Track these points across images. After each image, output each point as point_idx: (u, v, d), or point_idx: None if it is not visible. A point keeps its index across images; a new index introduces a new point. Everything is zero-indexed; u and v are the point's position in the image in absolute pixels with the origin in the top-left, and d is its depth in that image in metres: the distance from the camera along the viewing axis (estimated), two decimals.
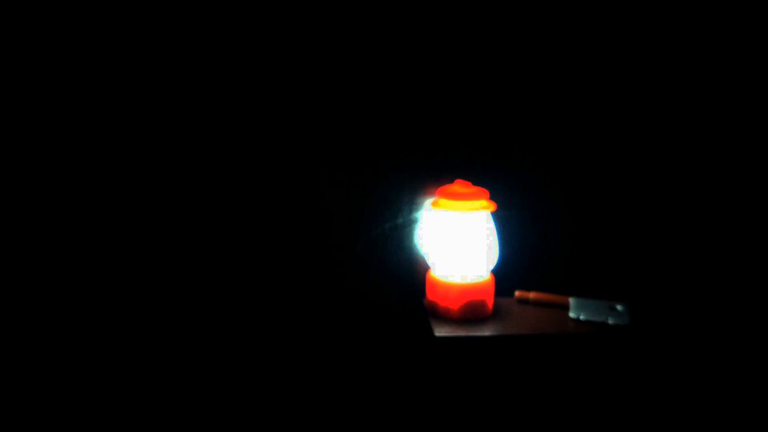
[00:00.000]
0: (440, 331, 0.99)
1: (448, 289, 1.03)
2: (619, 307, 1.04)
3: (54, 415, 1.09)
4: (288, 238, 1.14)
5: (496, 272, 1.07)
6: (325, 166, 1.13)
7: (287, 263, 1.15)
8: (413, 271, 1.14)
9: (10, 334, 1.10)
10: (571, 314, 1.04)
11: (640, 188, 1.17)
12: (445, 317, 1.03)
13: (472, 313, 1.03)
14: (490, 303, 1.05)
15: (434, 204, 1.05)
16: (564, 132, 1.15)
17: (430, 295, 1.07)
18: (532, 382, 1.00)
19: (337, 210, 1.15)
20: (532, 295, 1.10)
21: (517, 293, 1.10)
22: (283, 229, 1.14)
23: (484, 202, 1.03)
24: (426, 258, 1.09)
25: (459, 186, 1.04)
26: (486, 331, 1.00)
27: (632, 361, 1.00)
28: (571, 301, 1.06)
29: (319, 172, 1.13)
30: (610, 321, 1.02)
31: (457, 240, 1.02)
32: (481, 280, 1.04)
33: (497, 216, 1.07)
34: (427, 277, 1.08)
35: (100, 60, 1.07)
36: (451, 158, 1.13)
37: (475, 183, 1.05)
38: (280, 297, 1.15)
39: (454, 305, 1.03)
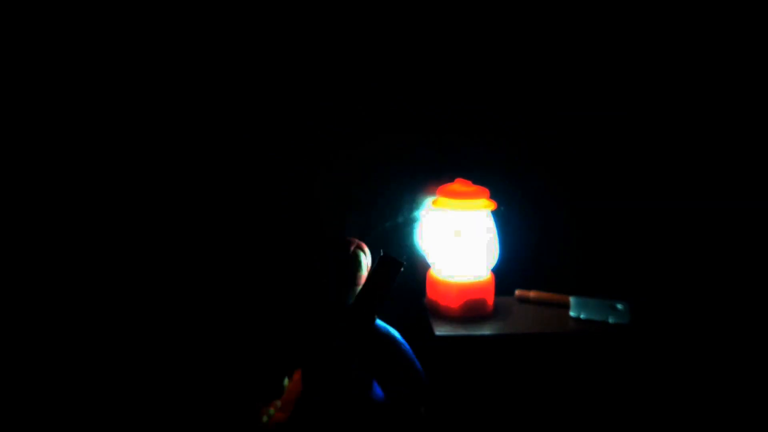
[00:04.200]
0: (440, 330, 0.99)
1: (448, 288, 1.03)
2: (619, 306, 1.04)
3: (52, 415, 1.09)
4: (288, 238, 1.14)
5: (497, 271, 1.07)
6: (325, 165, 1.13)
7: (287, 263, 1.14)
8: (413, 271, 1.14)
9: (10, 334, 1.10)
10: (572, 313, 1.04)
11: (641, 187, 1.17)
12: (446, 316, 1.03)
13: (472, 311, 1.03)
14: (490, 302, 1.05)
15: (434, 203, 1.04)
16: (565, 131, 1.15)
17: (431, 294, 1.06)
18: (532, 381, 1.00)
19: (337, 210, 1.15)
20: (532, 293, 1.09)
21: (517, 292, 1.10)
22: (282, 229, 1.14)
23: (484, 201, 1.03)
24: (426, 257, 1.09)
25: (459, 185, 1.04)
26: (486, 330, 1.00)
27: (632, 360, 1.00)
28: (572, 299, 1.06)
29: (318, 171, 1.13)
30: (611, 320, 1.02)
31: (457, 239, 1.02)
32: (481, 279, 1.04)
33: (498, 214, 1.07)
34: (427, 276, 1.07)
35: (89, 56, 1.07)
36: (452, 157, 1.13)
37: (476, 182, 1.04)
38: (279, 297, 1.15)
39: (454, 304, 1.03)
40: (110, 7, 1.05)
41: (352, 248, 0.90)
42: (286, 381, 0.93)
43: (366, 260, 0.91)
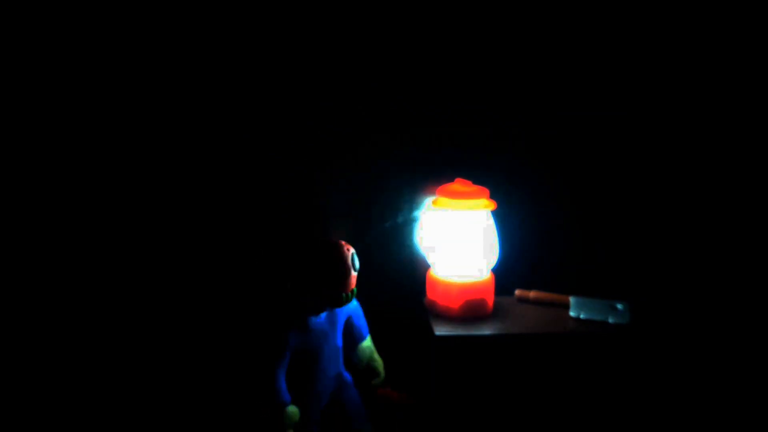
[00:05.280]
0: (440, 330, 0.99)
1: (448, 288, 1.03)
2: (619, 306, 1.04)
3: (52, 415, 1.09)
4: (287, 239, 1.14)
5: (496, 271, 1.07)
6: (325, 165, 1.13)
7: (285, 264, 1.14)
8: (413, 271, 1.14)
9: (10, 335, 1.10)
10: (571, 313, 1.04)
11: (641, 187, 1.17)
12: (445, 316, 1.03)
13: (472, 311, 1.03)
14: (490, 302, 1.05)
15: (434, 203, 1.04)
16: (565, 131, 1.15)
17: (430, 294, 1.07)
18: (532, 381, 1.00)
19: (337, 210, 1.15)
20: (532, 293, 1.09)
21: (517, 292, 1.10)
22: (282, 230, 1.14)
23: (484, 201, 1.03)
24: (426, 257, 1.09)
25: (459, 185, 1.04)
26: (486, 330, 1.00)
27: (632, 360, 1.00)
28: (572, 299, 1.06)
29: (318, 171, 1.13)
30: (611, 320, 1.02)
31: (457, 239, 1.02)
32: (481, 279, 1.04)
33: (497, 214, 1.07)
34: (427, 276, 1.07)
35: (89, 56, 1.07)
36: (452, 157, 1.14)
37: (476, 182, 1.04)
38: (279, 297, 1.15)
39: (454, 304, 1.03)
40: (110, 7, 1.05)
41: (344, 250, 0.90)
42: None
43: (357, 263, 0.91)
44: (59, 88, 1.07)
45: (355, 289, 0.92)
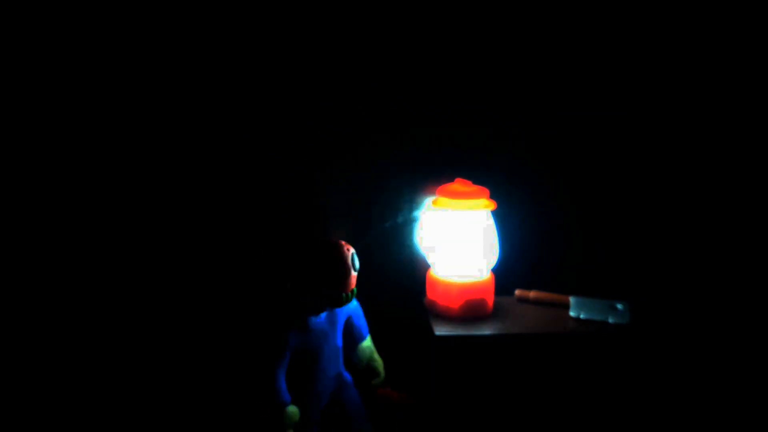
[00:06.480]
0: (440, 330, 0.99)
1: (448, 288, 1.03)
2: (619, 306, 1.04)
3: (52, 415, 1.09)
4: (287, 239, 1.14)
5: (496, 271, 1.07)
6: (325, 165, 1.13)
7: (285, 264, 1.14)
8: (413, 271, 1.14)
9: (10, 335, 1.11)
10: (571, 313, 1.04)
11: (641, 187, 1.17)
12: (445, 316, 1.03)
13: (472, 311, 1.03)
14: (490, 302, 1.05)
15: (434, 203, 1.04)
16: (565, 131, 1.15)
17: (430, 294, 1.07)
18: (532, 381, 1.00)
19: (337, 210, 1.15)
20: (532, 293, 1.09)
21: (517, 292, 1.10)
22: (282, 230, 1.14)
23: (484, 201, 1.03)
24: (426, 257, 1.09)
25: (459, 185, 1.04)
26: (486, 330, 1.00)
27: (632, 360, 1.00)
28: (572, 299, 1.06)
29: (318, 171, 1.13)
30: (611, 320, 1.02)
31: (457, 239, 1.02)
32: (481, 278, 1.04)
33: (497, 214, 1.07)
34: (427, 276, 1.07)
35: (89, 56, 1.07)
36: (452, 157, 1.14)
37: (476, 182, 1.04)
38: (279, 297, 1.15)
39: (454, 304, 1.03)
40: (110, 7, 1.05)
41: (344, 250, 0.90)
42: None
43: (357, 263, 0.91)
44: (59, 89, 1.07)
45: (355, 289, 0.92)
